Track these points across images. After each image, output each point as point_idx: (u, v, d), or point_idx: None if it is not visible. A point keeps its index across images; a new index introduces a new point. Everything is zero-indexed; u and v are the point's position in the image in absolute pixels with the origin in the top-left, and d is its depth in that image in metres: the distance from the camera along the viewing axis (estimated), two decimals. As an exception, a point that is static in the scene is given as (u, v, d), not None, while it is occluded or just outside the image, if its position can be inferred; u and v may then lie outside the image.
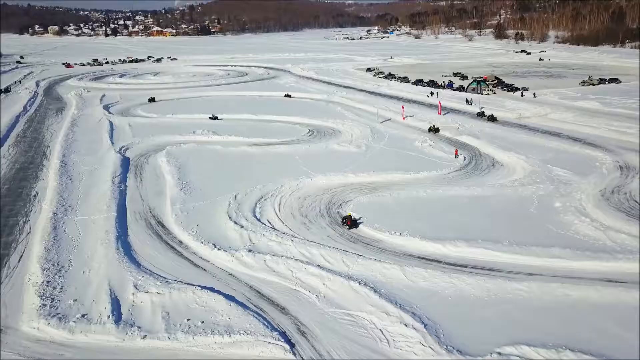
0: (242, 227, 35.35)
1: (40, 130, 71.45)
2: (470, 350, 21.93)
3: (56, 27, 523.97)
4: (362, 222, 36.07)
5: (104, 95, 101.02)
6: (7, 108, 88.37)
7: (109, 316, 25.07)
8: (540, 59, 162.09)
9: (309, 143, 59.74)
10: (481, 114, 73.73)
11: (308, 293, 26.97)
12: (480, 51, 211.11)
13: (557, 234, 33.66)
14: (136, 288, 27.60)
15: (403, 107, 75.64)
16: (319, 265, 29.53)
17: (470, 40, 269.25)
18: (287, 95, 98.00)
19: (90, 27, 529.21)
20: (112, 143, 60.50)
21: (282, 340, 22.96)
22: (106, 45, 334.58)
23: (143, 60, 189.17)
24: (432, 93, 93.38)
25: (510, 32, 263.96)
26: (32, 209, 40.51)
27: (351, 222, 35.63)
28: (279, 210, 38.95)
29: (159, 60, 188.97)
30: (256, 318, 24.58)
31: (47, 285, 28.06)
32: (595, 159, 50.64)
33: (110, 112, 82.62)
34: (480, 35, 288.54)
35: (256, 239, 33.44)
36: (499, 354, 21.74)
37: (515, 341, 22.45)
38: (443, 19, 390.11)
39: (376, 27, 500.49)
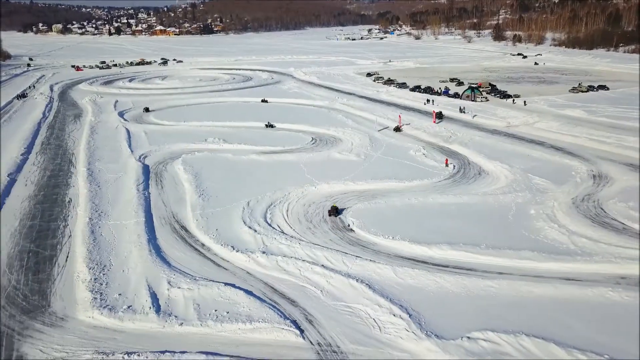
0: (255, 231, 40.63)
1: (62, 137, 76.72)
2: (445, 335, 27.19)
3: (60, 26, 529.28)
4: (342, 212, 44.23)
5: (116, 101, 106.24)
6: (27, 114, 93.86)
7: (150, 307, 30.35)
8: (536, 63, 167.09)
9: (313, 151, 64.88)
10: (439, 114, 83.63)
11: (314, 289, 32.25)
12: (478, 54, 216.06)
13: (528, 238, 38.87)
14: (170, 284, 32.89)
15: (400, 117, 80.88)
16: (322, 265, 34.80)
17: (469, 42, 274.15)
18: (263, 101, 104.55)
19: (94, 26, 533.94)
20: (132, 151, 65.67)
21: (294, 327, 28.26)
22: (111, 45, 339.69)
23: (150, 63, 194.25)
24: (428, 100, 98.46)
25: (509, 33, 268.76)
26: (69, 214, 45.78)
27: (331, 210, 43.99)
28: (287, 216, 44.20)
29: (165, 62, 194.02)
30: (272, 309, 29.89)
31: (95, 282, 33.36)
32: (572, 168, 55.83)
33: (125, 119, 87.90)
34: (479, 36, 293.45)
35: (268, 242, 38.71)
36: (469, 338, 27.00)
37: (483, 328, 27.72)
38: (443, 18, 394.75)
39: (377, 27, 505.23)
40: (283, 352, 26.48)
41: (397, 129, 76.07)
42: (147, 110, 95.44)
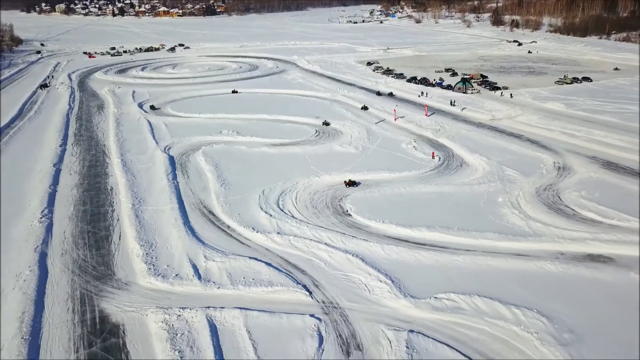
0: (270, 215, 49.59)
1: (91, 128, 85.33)
2: (418, 296, 36.23)
3: (62, 6, 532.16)
4: (359, 184, 56.32)
5: (134, 92, 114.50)
6: (53, 105, 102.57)
7: (193, 275, 39.41)
8: (529, 52, 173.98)
9: (316, 144, 73.41)
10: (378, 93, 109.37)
11: (319, 261, 41.26)
12: (475, 40, 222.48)
13: (493, 222, 47.73)
14: (205, 258, 41.94)
15: (395, 110, 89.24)
16: (326, 243, 43.75)
17: (468, 26, 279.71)
18: (234, 92, 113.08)
19: (97, 6, 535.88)
20: (157, 143, 74.26)
21: (304, 289, 37.35)
22: (116, 28, 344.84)
23: (158, 49, 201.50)
24: (422, 93, 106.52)
25: (507, 17, 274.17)
26: (114, 201, 54.73)
27: (348, 182, 56.48)
28: (296, 203, 53.08)
29: (172, 49, 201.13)
30: (287, 276, 38.99)
31: (147, 256, 42.40)
32: (541, 160, 64.43)
33: (145, 111, 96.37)
34: (478, 21, 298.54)
35: (281, 224, 47.65)
36: (435, 298, 36.07)
37: (447, 291, 36.77)
38: (444, 0, 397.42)
39: (379, 7, 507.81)
40: (296, 308, 35.58)
41: (364, 108, 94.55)
42: (152, 108, 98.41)
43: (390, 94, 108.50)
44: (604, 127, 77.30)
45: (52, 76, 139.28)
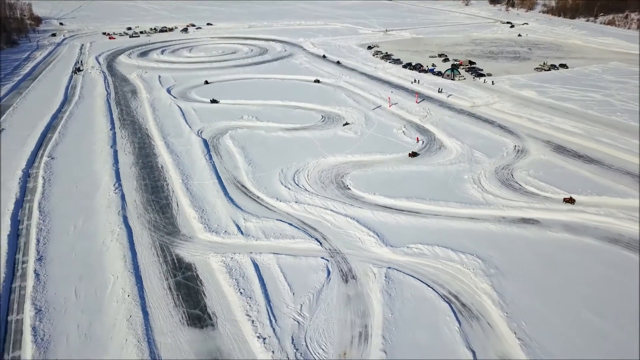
0: (289, 189, 65.29)
1: (131, 113, 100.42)
2: (395, 245, 52.19)
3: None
4: (419, 154, 70.45)
5: (160, 76, 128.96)
6: (92, 90, 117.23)
7: (237, 232, 55.38)
8: (519, 35, 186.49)
9: (322, 129, 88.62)
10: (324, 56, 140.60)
11: (327, 222, 57.12)
12: (471, 20, 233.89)
13: (457, 194, 63.42)
14: (244, 219, 57.85)
15: (389, 98, 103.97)
16: (331, 210, 59.53)
17: (466, 4, 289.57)
18: (206, 82, 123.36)
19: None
20: (190, 127, 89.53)
21: (316, 241, 53.34)
22: (125, 3, 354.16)
23: (172, 30, 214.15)
24: (415, 80, 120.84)
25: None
26: (166, 176, 70.39)
27: (411, 154, 72.35)
28: (308, 179, 68.68)
29: (185, 29, 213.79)
30: (304, 232, 54.95)
31: (201, 219, 58.29)
32: (504, 144, 79.68)
33: (173, 96, 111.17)
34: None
35: (298, 196, 63.40)
36: (407, 247, 52.05)
37: (416, 242, 52.72)
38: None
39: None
40: (311, 253, 51.62)
41: (317, 81, 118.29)
42: (214, 101, 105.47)
43: (338, 63, 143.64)
44: (564, 114, 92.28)
45: (81, 61, 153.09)
